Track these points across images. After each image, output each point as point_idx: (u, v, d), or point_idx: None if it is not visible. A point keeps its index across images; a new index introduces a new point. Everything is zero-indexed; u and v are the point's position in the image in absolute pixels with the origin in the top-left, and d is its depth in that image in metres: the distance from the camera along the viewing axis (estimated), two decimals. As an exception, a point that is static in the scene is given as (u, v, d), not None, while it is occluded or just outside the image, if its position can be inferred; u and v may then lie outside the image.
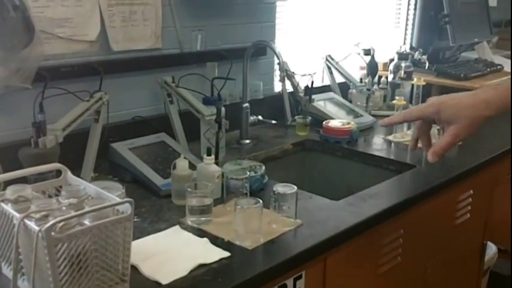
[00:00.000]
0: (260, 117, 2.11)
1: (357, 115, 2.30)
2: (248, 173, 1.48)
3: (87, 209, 0.99)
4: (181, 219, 1.38)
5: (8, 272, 1.08)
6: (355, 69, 2.61)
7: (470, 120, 1.02)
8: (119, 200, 1.05)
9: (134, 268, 1.14)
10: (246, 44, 2.08)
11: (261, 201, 1.26)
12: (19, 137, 1.53)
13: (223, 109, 1.76)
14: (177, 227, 1.34)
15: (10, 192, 1.04)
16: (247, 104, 2.06)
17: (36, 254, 0.93)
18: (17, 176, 1.17)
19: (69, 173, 1.18)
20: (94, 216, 0.98)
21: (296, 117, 2.17)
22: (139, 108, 1.90)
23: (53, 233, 0.91)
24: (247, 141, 2.06)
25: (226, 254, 1.21)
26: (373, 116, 2.34)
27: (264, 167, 1.61)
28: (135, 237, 1.27)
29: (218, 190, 1.47)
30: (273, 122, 2.08)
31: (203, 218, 1.35)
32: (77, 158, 1.59)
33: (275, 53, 1.89)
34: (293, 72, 2.14)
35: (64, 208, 1.02)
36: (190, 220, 1.36)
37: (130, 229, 1.02)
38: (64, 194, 1.07)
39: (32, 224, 0.93)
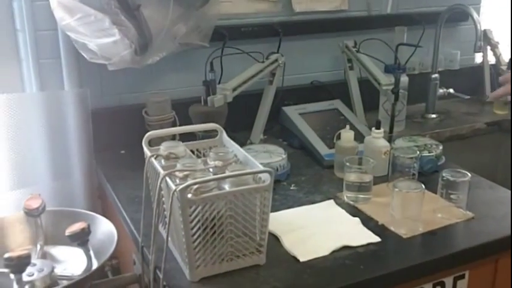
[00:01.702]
0: (451, 90, 1.90)
1: None
2: (419, 152, 1.32)
3: (224, 174, 0.97)
4: (339, 193, 1.30)
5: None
6: None
7: None
8: (261, 168, 1.01)
9: (276, 239, 1.10)
10: (443, 8, 1.85)
11: (423, 185, 1.12)
12: (194, 93, 1.59)
13: (404, 79, 1.61)
14: (331, 202, 1.27)
15: (163, 148, 1.08)
16: (436, 75, 1.86)
17: (172, 211, 0.94)
18: (180, 132, 1.22)
19: (224, 134, 1.18)
20: (233, 181, 0.96)
21: (496, 93, 1.90)
22: (318, 72, 1.84)
23: (189, 195, 0.91)
24: (433, 115, 1.88)
25: (376, 239, 1.10)
26: None
27: (441, 147, 1.43)
28: (287, 206, 1.25)
29: (384, 167, 1.36)
30: (466, 97, 1.85)
31: (361, 196, 1.26)
32: (249, 119, 1.60)
33: (472, 18, 1.64)
34: (497, 42, 1.86)
35: (211, 170, 1.02)
36: (346, 196, 1.27)
37: (268, 199, 0.97)
38: (212, 155, 1.06)
39: (170, 183, 0.94)
